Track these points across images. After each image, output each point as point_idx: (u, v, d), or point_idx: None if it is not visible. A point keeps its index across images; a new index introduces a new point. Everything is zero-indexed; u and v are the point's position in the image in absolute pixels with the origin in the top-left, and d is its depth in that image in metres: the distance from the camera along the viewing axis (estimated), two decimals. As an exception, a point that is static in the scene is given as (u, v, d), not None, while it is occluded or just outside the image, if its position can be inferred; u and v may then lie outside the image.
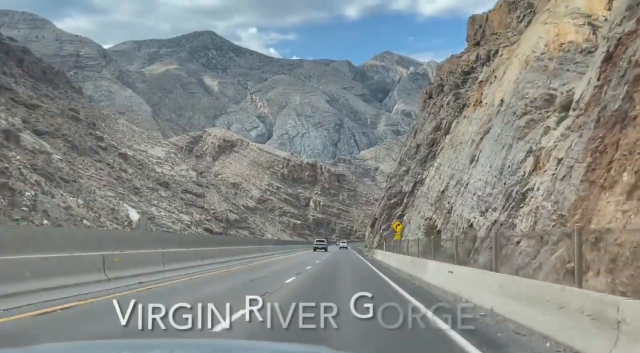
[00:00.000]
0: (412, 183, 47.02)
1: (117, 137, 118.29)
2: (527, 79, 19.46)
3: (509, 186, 17.20)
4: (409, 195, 46.58)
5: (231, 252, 28.54)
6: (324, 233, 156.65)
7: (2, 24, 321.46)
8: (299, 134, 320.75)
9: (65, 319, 8.58)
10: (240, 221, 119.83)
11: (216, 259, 23.26)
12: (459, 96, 42.95)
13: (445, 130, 41.70)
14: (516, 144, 17.77)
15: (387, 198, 53.04)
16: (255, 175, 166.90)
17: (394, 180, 53.39)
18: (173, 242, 24.09)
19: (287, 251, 61.75)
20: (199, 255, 21.49)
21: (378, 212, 56.28)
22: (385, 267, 23.68)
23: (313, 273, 19.93)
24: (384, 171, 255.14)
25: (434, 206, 32.11)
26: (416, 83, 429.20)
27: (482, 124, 26.54)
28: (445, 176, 32.25)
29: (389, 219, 49.72)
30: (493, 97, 26.83)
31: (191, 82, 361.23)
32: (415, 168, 47.80)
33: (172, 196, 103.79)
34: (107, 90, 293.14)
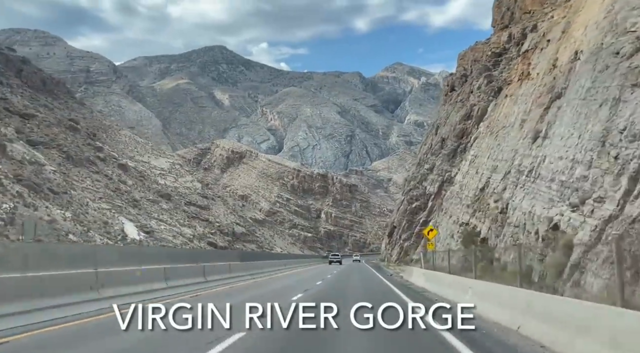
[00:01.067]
0: (439, 183, 39.73)
1: (118, 148, 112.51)
2: (629, 4, 12.60)
3: (625, 159, 10.22)
4: (435, 197, 39.31)
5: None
6: (336, 246, 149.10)
7: (15, 42, 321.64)
8: (310, 145, 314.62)
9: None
10: (248, 234, 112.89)
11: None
12: (492, 78, 36.19)
13: (477, 117, 34.83)
14: (630, 95, 10.83)
15: (407, 202, 45.39)
16: (265, 187, 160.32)
17: (414, 182, 45.95)
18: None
19: (295, 266, 55.01)
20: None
21: (397, 219, 48.55)
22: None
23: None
24: (397, 182, 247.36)
25: (472, 208, 25.03)
26: (428, 93, 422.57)
27: (540, 95, 19.69)
28: (485, 169, 25.24)
29: (410, 227, 42.29)
30: (552, 61, 20.03)
31: (201, 96, 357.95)
32: (442, 165, 40.50)
33: (174, 208, 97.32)
34: (117, 105, 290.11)
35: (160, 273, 16.30)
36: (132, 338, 7.45)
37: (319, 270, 37.06)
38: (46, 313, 9.78)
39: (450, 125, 41.67)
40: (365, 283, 19.09)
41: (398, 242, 45.80)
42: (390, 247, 48.16)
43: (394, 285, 19.24)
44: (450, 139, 40.54)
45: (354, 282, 20.82)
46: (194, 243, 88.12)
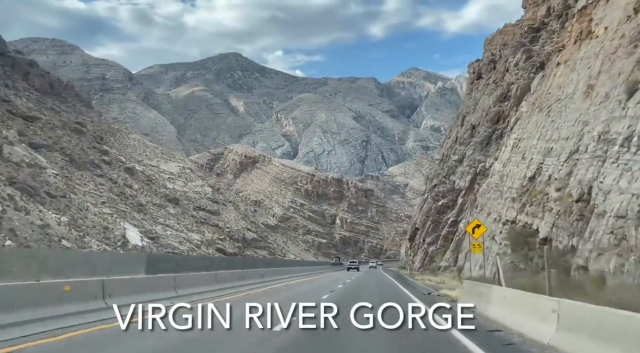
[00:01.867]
0: (471, 176, 34.05)
1: (126, 151, 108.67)
2: None
3: None
4: (467, 192, 33.69)
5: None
6: (352, 252, 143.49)
7: (33, 51, 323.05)
8: (325, 151, 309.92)
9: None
10: (259, 240, 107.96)
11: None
12: (532, 54, 30.92)
13: (517, 97, 29.49)
14: None
15: (432, 200, 39.45)
16: (278, 192, 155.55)
17: (439, 178, 40.08)
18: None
19: (307, 273, 50.03)
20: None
21: (419, 219, 42.24)
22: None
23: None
24: (414, 187, 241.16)
25: (519, 201, 19.70)
26: (444, 98, 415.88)
27: (615, 50, 14.51)
28: (535, 153, 19.98)
29: (436, 228, 36.50)
30: (631, 7, 14.88)
31: (216, 103, 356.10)
32: (474, 155, 34.87)
33: (181, 213, 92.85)
34: (132, 112, 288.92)
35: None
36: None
37: (324, 282, 31.94)
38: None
39: (481, 110, 36.11)
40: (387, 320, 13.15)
41: (421, 246, 39.70)
42: (412, 252, 42.10)
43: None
44: (482, 125, 34.87)
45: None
46: (201, 250, 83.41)
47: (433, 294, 18.90)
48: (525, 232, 17.57)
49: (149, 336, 6.97)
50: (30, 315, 8.65)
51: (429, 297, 17.76)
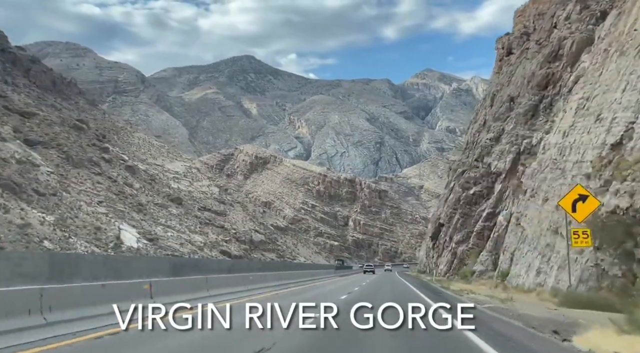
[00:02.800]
0: (512, 155, 27.65)
1: (129, 150, 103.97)
2: None
3: None
4: (508, 176, 27.28)
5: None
6: (365, 255, 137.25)
7: (47, 54, 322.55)
8: (338, 153, 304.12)
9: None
10: (267, 242, 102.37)
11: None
12: (588, 3, 25.11)
13: (572, 54, 23.58)
14: None
15: (460, 189, 32.46)
16: (289, 193, 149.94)
17: (469, 162, 33.24)
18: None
19: (309, 279, 44.07)
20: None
21: (444, 213, 34.77)
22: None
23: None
24: (430, 189, 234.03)
25: (599, 177, 13.80)
26: (459, 99, 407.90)
27: None
28: (620, 110, 14.20)
29: (466, 223, 29.88)
30: None
31: (229, 105, 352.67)
32: (515, 130, 28.33)
33: (184, 214, 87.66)
34: (144, 114, 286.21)
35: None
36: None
37: (324, 291, 26.06)
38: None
39: (521, 79, 29.69)
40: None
41: (448, 246, 32.72)
42: (436, 253, 35.26)
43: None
44: (525, 95, 28.33)
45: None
46: (204, 252, 78.00)
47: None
48: (617, 220, 11.81)
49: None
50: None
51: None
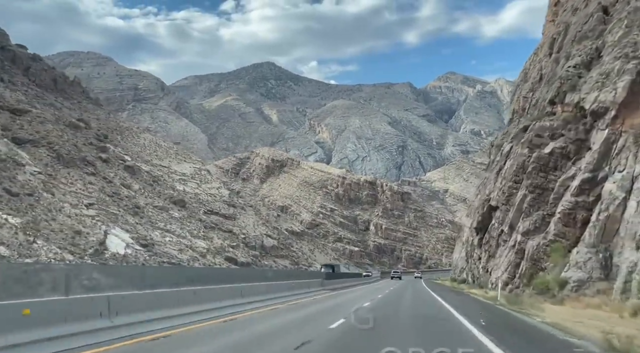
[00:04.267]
0: (631, 76, 16.58)
1: (133, 150, 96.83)
2: None
3: None
4: (621, 113, 16.18)
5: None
6: (387, 262, 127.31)
7: (69, 64, 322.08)
8: (359, 157, 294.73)
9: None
10: (280, 248, 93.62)
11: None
12: None
13: None
14: None
15: (527, 150, 21.08)
16: (306, 197, 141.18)
17: (539, 109, 22.31)
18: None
19: (292, 294, 34.92)
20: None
21: (497, 191, 23.98)
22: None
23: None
24: (455, 192, 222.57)
25: None
26: (484, 101, 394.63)
27: None
28: None
29: (539, 202, 18.46)
30: None
31: (249, 112, 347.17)
32: (630, 35, 18.24)
33: (187, 217, 79.60)
34: (164, 121, 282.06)
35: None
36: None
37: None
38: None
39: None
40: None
41: (507, 240, 21.35)
42: (485, 253, 24.23)
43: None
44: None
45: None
46: (206, 259, 69.61)
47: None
48: None
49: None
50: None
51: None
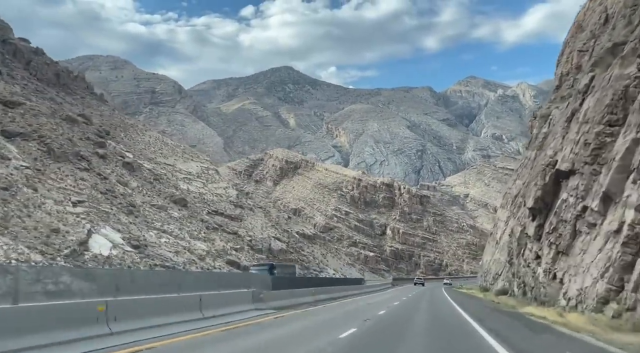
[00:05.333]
0: None
1: (136, 147, 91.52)
2: None
3: None
4: None
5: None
6: (405, 268, 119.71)
7: (88, 67, 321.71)
8: (377, 161, 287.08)
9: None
10: (289, 252, 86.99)
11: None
12: None
13: None
14: None
15: (636, 67, 15.23)
16: (320, 199, 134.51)
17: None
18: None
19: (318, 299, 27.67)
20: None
21: (571, 144, 15.27)
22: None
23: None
24: (475, 197, 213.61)
25: None
26: (505, 105, 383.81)
27: None
28: None
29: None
30: None
31: (266, 116, 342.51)
32: None
33: (188, 217, 73.55)
34: (180, 124, 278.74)
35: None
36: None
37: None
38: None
39: None
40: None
41: (595, 225, 13.07)
42: (549, 250, 15.42)
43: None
44: None
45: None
46: (205, 263, 63.33)
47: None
48: None
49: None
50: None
51: None
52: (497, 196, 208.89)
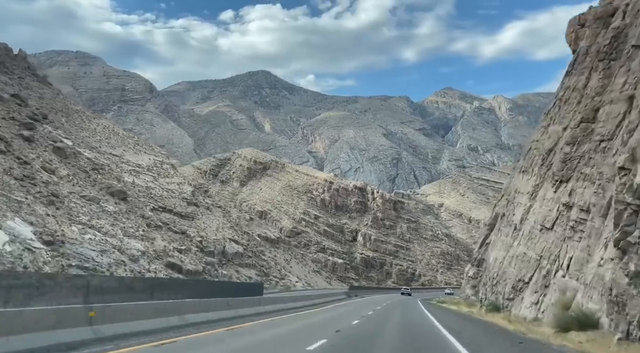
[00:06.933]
0: None
1: (79, 134, 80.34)
2: None
3: None
4: None
5: None
6: (376, 277, 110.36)
7: (56, 62, 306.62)
8: (352, 168, 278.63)
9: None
10: (247, 255, 76.78)
11: None
12: None
13: None
14: None
15: None
16: (289, 202, 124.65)
17: None
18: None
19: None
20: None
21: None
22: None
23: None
24: (450, 207, 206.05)
25: None
26: (481, 117, 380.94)
27: None
28: None
29: None
30: None
31: (241, 119, 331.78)
32: None
33: (126, 212, 62.86)
34: (149, 123, 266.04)
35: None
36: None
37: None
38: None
39: None
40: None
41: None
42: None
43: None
44: None
45: None
46: (139, 264, 52.70)
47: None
48: None
49: None
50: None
51: None
52: (472, 206, 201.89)
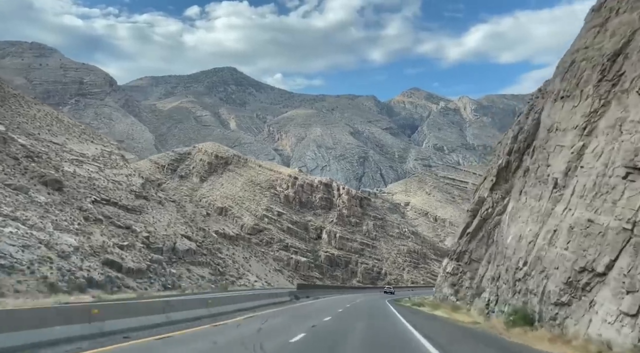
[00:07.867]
0: None
1: (14, 120, 72.32)
2: None
3: None
4: None
5: None
6: (340, 276, 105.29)
7: (9, 53, 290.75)
8: (318, 166, 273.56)
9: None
10: (201, 253, 70.30)
11: None
12: None
13: None
14: None
15: None
16: (251, 198, 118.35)
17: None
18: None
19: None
20: None
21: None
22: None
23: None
24: (416, 206, 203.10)
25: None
26: (447, 118, 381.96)
27: None
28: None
29: None
30: None
31: (205, 115, 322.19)
32: None
33: (61, 203, 55.69)
34: (108, 118, 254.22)
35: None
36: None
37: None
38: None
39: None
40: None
41: None
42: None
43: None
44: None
45: None
46: (68, 262, 45.77)
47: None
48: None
49: None
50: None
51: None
52: (438, 205, 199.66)
